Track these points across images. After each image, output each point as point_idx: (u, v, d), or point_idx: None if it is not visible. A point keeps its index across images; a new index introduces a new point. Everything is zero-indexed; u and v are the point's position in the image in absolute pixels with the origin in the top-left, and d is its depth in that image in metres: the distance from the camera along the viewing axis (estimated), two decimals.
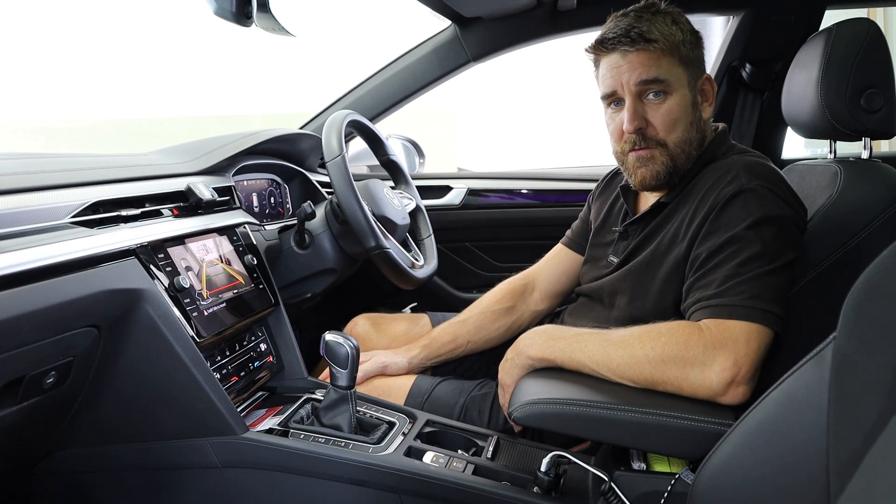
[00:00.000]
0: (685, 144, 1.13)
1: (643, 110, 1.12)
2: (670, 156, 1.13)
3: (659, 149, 1.13)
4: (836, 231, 1.09)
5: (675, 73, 1.11)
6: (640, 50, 1.10)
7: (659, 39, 1.09)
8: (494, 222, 2.08)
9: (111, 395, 1.04)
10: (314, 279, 1.47)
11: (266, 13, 1.21)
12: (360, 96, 2.00)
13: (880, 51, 1.12)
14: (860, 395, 0.51)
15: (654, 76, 1.10)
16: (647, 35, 1.09)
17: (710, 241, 1.03)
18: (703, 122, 1.16)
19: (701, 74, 1.16)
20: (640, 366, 0.98)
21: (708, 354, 0.94)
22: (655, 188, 1.18)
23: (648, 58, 1.10)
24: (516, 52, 1.99)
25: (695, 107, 1.14)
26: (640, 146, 1.13)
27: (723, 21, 2.02)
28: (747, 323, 0.96)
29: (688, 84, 1.13)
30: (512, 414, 1.00)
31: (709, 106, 1.17)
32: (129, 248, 0.99)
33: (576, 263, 1.44)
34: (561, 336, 1.06)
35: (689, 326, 0.99)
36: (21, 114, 7.05)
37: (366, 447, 1.08)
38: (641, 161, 1.14)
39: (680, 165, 1.14)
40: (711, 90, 1.17)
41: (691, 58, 1.13)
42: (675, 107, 1.11)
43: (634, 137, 1.13)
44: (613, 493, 0.95)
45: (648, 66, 1.10)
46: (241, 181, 1.56)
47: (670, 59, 1.11)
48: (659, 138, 1.12)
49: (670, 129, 1.12)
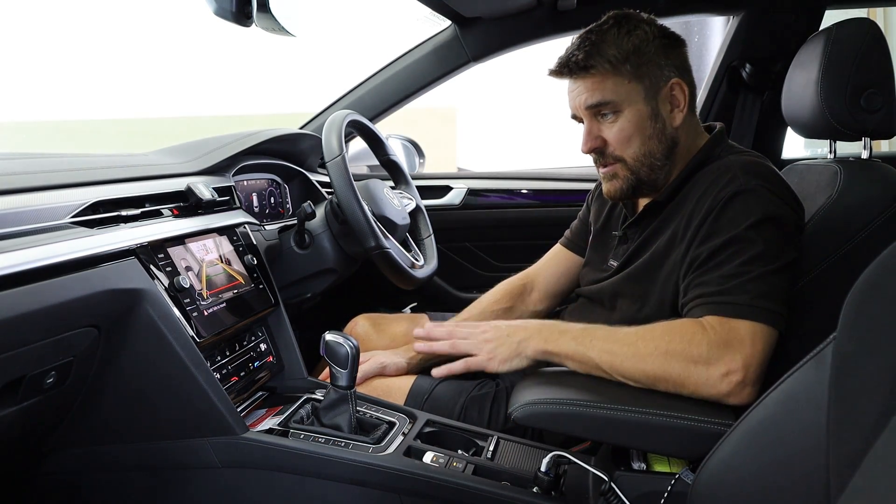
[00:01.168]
0: (645, 157, 1.15)
1: (598, 129, 1.16)
2: (630, 170, 1.16)
3: (619, 164, 1.17)
4: (836, 231, 1.09)
5: (624, 91, 1.12)
6: (582, 76, 1.13)
7: (597, 64, 1.11)
8: (494, 222, 2.08)
9: (111, 395, 1.04)
10: (314, 279, 1.47)
11: (266, 13, 1.21)
12: (360, 96, 2.00)
13: (880, 51, 1.12)
14: (860, 395, 0.51)
15: (598, 100, 1.13)
16: (585, 62, 1.11)
17: (710, 242, 1.03)
18: (671, 131, 1.15)
19: (666, 82, 1.14)
20: (643, 361, 0.97)
21: (713, 353, 0.94)
22: (623, 199, 1.22)
23: (592, 82, 1.13)
24: (517, 51, 1.99)
25: (655, 118, 1.14)
26: (600, 163, 1.19)
27: (723, 21, 2.02)
28: (753, 323, 0.95)
29: (644, 98, 1.13)
30: (512, 414, 1.00)
31: (680, 112, 1.15)
32: (129, 248, 0.99)
33: (575, 264, 1.44)
34: (566, 330, 1.06)
35: (693, 323, 0.98)
36: (21, 114, 7.05)
37: (366, 447, 1.08)
38: (606, 177, 1.19)
39: (644, 177, 1.16)
40: (682, 94, 1.15)
41: (646, 68, 1.12)
42: (627, 124, 1.13)
43: (594, 156, 1.18)
44: (613, 493, 0.95)
45: (592, 90, 1.13)
46: (241, 181, 1.56)
47: (616, 79, 1.12)
48: (616, 154, 1.16)
49: (625, 146, 1.15)
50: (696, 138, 1.19)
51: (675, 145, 1.16)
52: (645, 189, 1.18)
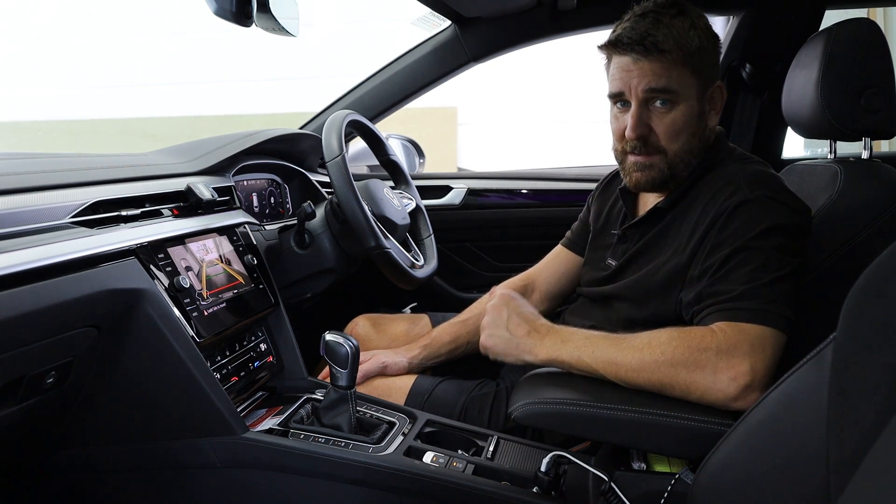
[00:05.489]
0: (685, 154, 1.13)
1: (648, 117, 1.11)
2: (669, 164, 1.13)
3: (659, 156, 1.12)
4: (836, 231, 1.09)
5: (686, 84, 1.09)
6: (653, 58, 1.08)
7: (673, 50, 1.07)
8: (494, 222, 2.08)
9: (111, 395, 1.04)
10: (314, 279, 1.47)
11: (266, 13, 1.21)
12: (360, 96, 2.00)
13: (880, 51, 1.12)
14: (860, 395, 0.51)
15: (663, 86, 1.08)
16: (662, 45, 1.07)
17: (718, 253, 1.03)
18: (707, 131, 1.15)
19: (712, 83, 1.13)
20: (647, 370, 0.96)
21: (720, 358, 0.93)
22: (648, 191, 1.19)
23: (660, 66, 1.08)
24: (517, 51, 1.99)
25: (701, 117, 1.12)
26: (640, 152, 1.13)
27: (723, 21, 2.02)
28: (764, 327, 0.95)
29: (697, 95, 1.11)
30: (512, 413, 1.00)
31: (716, 114, 1.15)
32: (129, 248, 0.99)
33: (575, 265, 1.44)
34: (570, 338, 1.04)
35: (701, 330, 0.98)
36: (21, 114, 7.05)
37: (366, 447, 1.08)
38: (639, 166, 1.14)
39: (678, 173, 1.14)
40: (721, 98, 1.15)
41: (705, 67, 1.11)
42: (680, 117, 1.10)
43: (636, 143, 1.12)
44: (613, 493, 0.95)
45: (659, 75, 1.08)
46: (241, 181, 1.56)
47: (682, 70, 1.08)
48: (660, 146, 1.12)
49: (673, 139, 1.11)
50: (709, 144, 1.18)
51: (705, 147, 1.15)
52: (672, 184, 1.16)
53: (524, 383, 1.06)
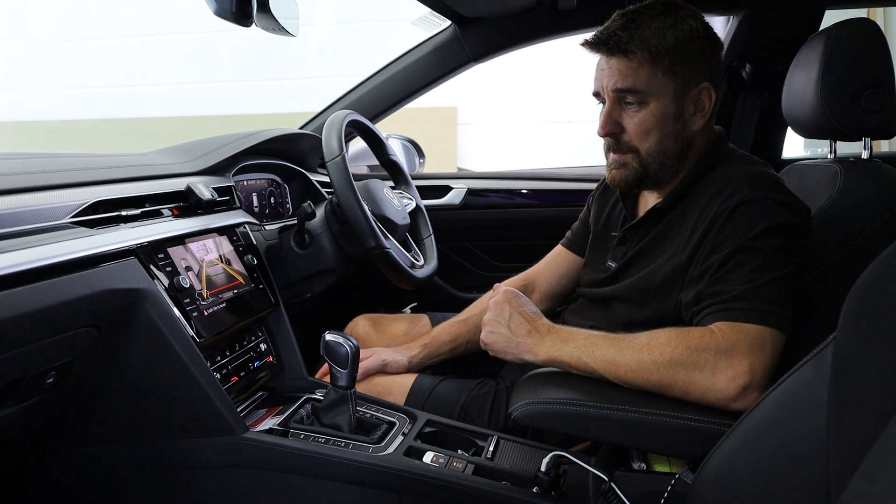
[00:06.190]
0: (658, 154, 1.13)
1: (619, 115, 1.12)
2: (642, 163, 1.14)
3: (631, 154, 1.14)
4: (836, 231, 1.09)
5: (656, 84, 1.09)
6: (619, 57, 1.09)
7: (637, 51, 1.07)
8: (494, 222, 2.08)
9: (111, 396, 1.04)
10: (314, 279, 1.47)
11: (266, 13, 1.21)
12: (360, 96, 1.99)
13: (880, 51, 1.12)
14: (860, 395, 0.51)
15: (629, 86, 1.09)
16: (625, 45, 1.08)
17: (717, 253, 1.02)
18: (689, 133, 1.14)
19: (696, 84, 1.11)
20: (646, 371, 0.96)
21: (719, 358, 0.93)
22: (624, 189, 1.21)
23: (627, 66, 1.09)
24: (517, 51, 1.99)
25: (677, 118, 1.11)
26: (615, 150, 1.15)
27: (723, 21, 2.02)
28: (763, 327, 0.95)
29: (672, 95, 1.10)
30: (512, 413, 1.00)
31: (702, 117, 1.13)
32: (129, 248, 0.99)
33: (575, 265, 1.44)
34: (570, 338, 1.04)
35: (700, 330, 0.97)
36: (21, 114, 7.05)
37: (366, 447, 1.08)
38: (616, 164, 1.16)
39: (652, 172, 1.14)
40: (709, 100, 1.13)
41: (682, 67, 1.09)
42: (649, 117, 1.10)
43: (610, 140, 1.15)
44: (613, 493, 0.95)
45: (626, 75, 1.09)
46: (241, 181, 1.56)
47: (651, 70, 1.08)
48: (632, 145, 1.13)
49: (643, 138, 1.12)
50: (706, 143, 1.18)
51: (688, 148, 1.15)
52: (649, 183, 1.17)
53: (524, 383, 1.06)
